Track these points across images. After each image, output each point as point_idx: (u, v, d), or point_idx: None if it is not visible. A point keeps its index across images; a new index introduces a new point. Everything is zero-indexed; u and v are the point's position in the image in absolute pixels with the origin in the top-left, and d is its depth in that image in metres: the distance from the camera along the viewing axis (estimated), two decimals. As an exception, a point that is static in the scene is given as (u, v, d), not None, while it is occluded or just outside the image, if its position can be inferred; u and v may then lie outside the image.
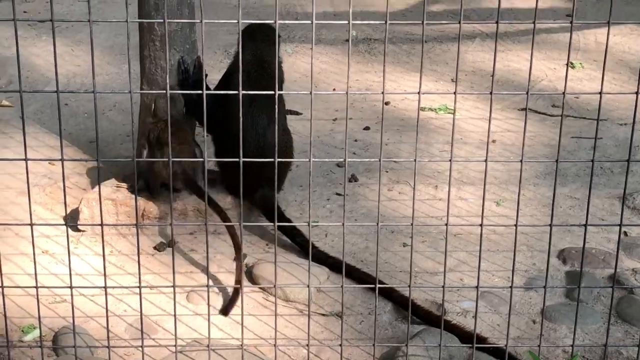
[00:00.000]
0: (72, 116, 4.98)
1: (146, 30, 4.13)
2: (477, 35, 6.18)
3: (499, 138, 4.90)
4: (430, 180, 4.48)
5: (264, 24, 4.21)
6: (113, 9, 6.36)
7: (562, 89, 5.43)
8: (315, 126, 4.90)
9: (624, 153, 4.68)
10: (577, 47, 5.98)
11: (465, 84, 5.53)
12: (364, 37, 6.14)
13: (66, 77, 5.32)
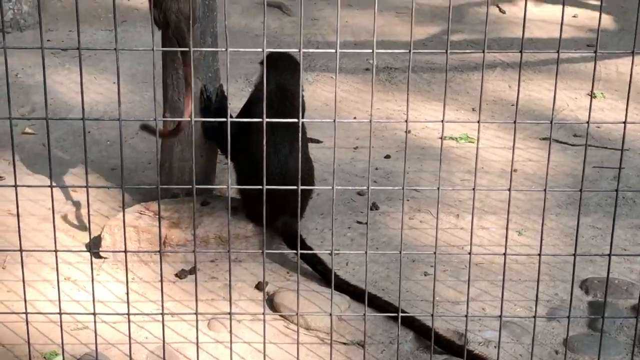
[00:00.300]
0: (94, 144, 5.01)
1: (169, 59, 4.17)
2: (498, 64, 6.18)
3: (521, 167, 4.89)
4: (451, 209, 4.47)
5: (286, 53, 4.23)
6: (135, 37, 6.41)
7: (583, 118, 5.43)
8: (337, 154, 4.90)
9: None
10: (599, 77, 5.98)
11: (487, 113, 5.53)
12: (385, 65, 6.16)
13: (89, 105, 5.36)
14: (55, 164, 4.64)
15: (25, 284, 2.90)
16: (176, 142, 4.27)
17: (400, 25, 6.83)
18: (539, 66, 6.15)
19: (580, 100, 5.69)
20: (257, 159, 3.41)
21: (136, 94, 5.62)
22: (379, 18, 6.80)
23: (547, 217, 4.38)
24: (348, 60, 6.16)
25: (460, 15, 7.00)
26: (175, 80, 4.17)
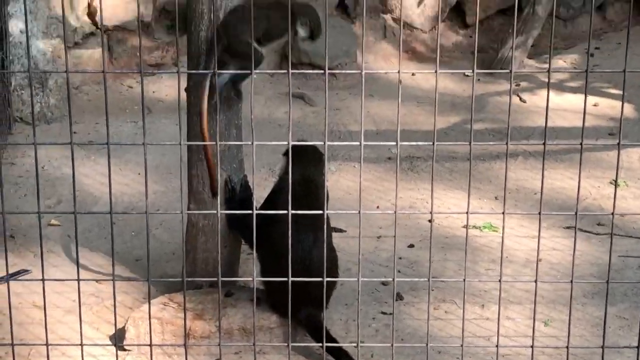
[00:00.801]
0: (119, 235, 5.03)
1: (194, 151, 4.22)
2: (520, 153, 6.20)
3: (545, 256, 4.87)
4: (476, 299, 4.45)
5: (309, 145, 4.26)
6: (160, 128, 6.48)
7: (606, 206, 5.42)
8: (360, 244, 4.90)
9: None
10: (621, 165, 5.97)
11: (509, 202, 5.52)
12: (407, 155, 6.19)
13: (114, 196, 5.33)
14: (81, 255, 4.65)
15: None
16: (200, 232, 4.30)
17: (422, 115, 6.88)
18: (560, 155, 6.16)
19: (603, 188, 5.69)
20: (281, 250, 3.42)
21: (160, 184, 5.66)
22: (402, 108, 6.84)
23: (574, 307, 4.32)
24: (370, 150, 6.20)
25: (481, 105, 7.05)
26: (200, 172, 4.21)
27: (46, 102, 6.71)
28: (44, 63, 6.71)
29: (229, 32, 3.99)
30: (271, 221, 3.96)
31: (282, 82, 7.39)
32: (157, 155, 5.90)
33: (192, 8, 4.08)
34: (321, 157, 4.11)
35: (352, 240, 4.85)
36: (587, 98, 7.26)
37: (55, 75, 6.71)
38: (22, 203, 5.41)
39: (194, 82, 4.14)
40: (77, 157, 5.88)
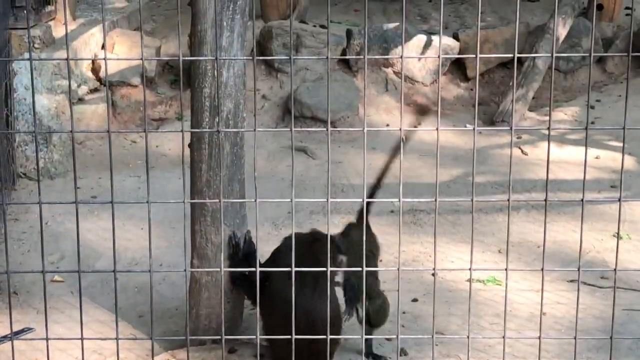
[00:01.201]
0: (122, 290, 5.02)
1: (197, 206, 4.23)
2: (523, 206, 6.21)
3: (550, 310, 4.85)
4: (481, 354, 4.42)
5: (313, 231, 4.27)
6: (163, 183, 6.50)
7: (610, 259, 5.42)
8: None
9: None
10: (624, 218, 5.98)
11: (513, 255, 5.52)
12: (409, 208, 6.20)
13: (117, 252, 5.37)
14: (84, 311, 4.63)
15: None
16: (203, 289, 4.29)
17: (424, 168, 6.91)
18: (563, 207, 6.17)
19: (606, 241, 5.69)
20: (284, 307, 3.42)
21: (164, 239, 5.67)
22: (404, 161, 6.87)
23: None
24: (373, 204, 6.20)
25: (483, 158, 7.08)
26: (204, 227, 4.22)
27: (50, 158, 6.75)
28: (48, 119, 6.77)
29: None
30: (274, 278, 3.98)
31: (284, 135, 7.42)
32: (160, 210, 5.89)
33: (196, 65, 4.12)
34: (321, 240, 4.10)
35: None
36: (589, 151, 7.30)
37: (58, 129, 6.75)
38: (25, 259, 5.41)
39: (197, 138, 4.17)
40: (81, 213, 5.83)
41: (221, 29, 4.02)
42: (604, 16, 8.59)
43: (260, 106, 7.76)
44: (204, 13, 4.02)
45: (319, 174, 6.78)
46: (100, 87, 7.49)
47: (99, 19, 7.96)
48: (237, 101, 4.17)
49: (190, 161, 4.24)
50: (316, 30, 8.46)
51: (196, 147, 4.20)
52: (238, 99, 4.17)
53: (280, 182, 6.65)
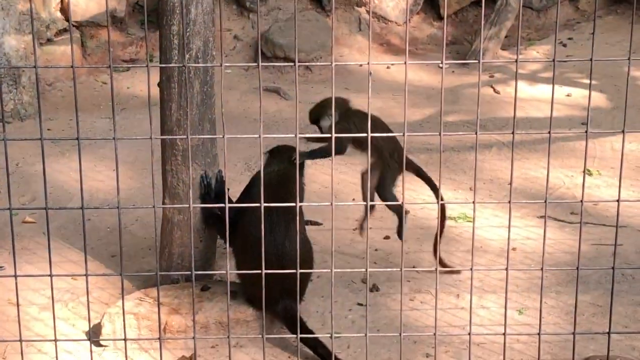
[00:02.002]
0: (94, 231, 5.02)
1: (168, 146, 4.21)
2: (494, 144, 6.23)
3: (520, 246, 4.90)
4: (451, 289, 4.47)
5: (286, 145, 4.28)
6: (135, 124, 6.47)
7: (579, 195, 5.44)
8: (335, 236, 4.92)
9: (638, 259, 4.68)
10: (594, 154, 6.01)
11: (484, 192, 5.55)
12: (382, 147, 6.20)
13: (89, 193, 5.39)
14: (55, 252, 4.63)
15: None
16: (175, 227, 4.30)
17: (397, 107, 6.90)
18: (534, 145, 6.20)
19: (576, 178, 5.72)
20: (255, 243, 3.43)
21: (136, 180, 5.66)
22: (377, 100, 6.88)
23: (547, 295, 4.38)
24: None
25: (456, 97, 7.08)
26: (175, 167, 4.21)
27: (20, 99, 6.69)
28: (17, 60, 6.69)
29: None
30: (245, 215, 3.99)
31: (256, 76, 7.39)
32: (132, 150, 5.90)
33: (164, 1, 4.07)
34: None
35: (328, 233, 4.85)
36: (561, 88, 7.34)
37: (28, 71, 6.68)
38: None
39: (166, 76, 4.14)
40: (51, 154, 5.88)
41: (188, -37, 3.97)
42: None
43: (232, 47, 7.71)
44: (171, -51, 3.98)
45: (292, 115, 6.75)
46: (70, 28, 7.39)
47: (67, -42, 7.83)
48: (206, 39, 4.13)
49: (160, 100, 4.22)
50: (287, -32, 8.39)
51: (165, 85, 4.17)
52: (207, 37, 4.13)
53: (253, 123, 6.63)
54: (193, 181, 4.18)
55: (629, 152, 6.02)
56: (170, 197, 4.25)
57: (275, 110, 6.86)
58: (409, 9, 8.17)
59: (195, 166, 4.20)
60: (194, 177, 4.20)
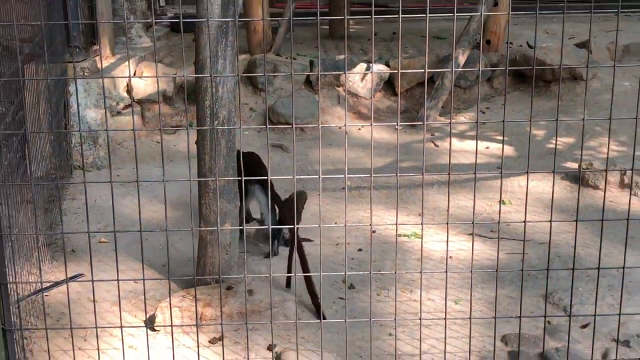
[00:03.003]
0: (150, 247, 4.97)
1: (203, 186, 4.18)
2: (435, 183, 6.22)
3: (455, 255, 4.87)
4: (407, 286, 4.43)
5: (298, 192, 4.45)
6: (180, 172, 6.43)
7: (496, 218, 5.44)
8: (323, 250, 4.89)
9: (545, 264, 4.63)
10: (506, 189, 6.00)
11: (429, 217, 5.53)
12: (356, 186, 6.19)
13: (146, 221, 5.34)
14: (122, 263, 4.59)
15: (100, 352, 2.83)
16: (208, 244, 4.25)
17: (366, 158, 6.89)
18: (464, 183, 6.19)
19: (494, 206, 5.71)
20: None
21: (180, 211, 5.61)
22: (352, 152, 6.88)
23: (476, 290, 4.34)
24: (330, 182, 6.20)
25: (408, 149, 7.07)
26: (207, 201, 4.17)
27: (97, 155, 6.65)
28: (95, 126, 6.67)
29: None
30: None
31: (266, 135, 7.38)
32: (177, 190, 5.86)
33: (199, 84, 4.07)
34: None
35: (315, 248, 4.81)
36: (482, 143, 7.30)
37: (103, 134, 6.66)
38: (80, 227, 5.33)
39: (202, 137, 4.12)
40: (120, 194, 5.83)
41: (217, 57, 3.96)
42: (491, 48, 8.59)
43: (249, 116, 7.70)
44: (205, 46, 3.97)
45: (291, 163, 6.74)
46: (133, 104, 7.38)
47: (131, 54, 7.85)
48: (229, 110, 4.12)
49: (197, 154, 4.19)
50: (288, 60, 8.39)
51: (200, 143, 4.15)
52: (230, 108, 4.12)
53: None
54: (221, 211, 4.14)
55: (531, 188, 6.01)
56: (205, 222, 4.21)
57: (279, 160, 6.83)
58: (374, 88, 8.19)
59: (222, 200, 4.17)
60: (222, 209, 4.16)
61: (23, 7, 5.07)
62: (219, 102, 4.05)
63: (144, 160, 6.72)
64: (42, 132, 4.96)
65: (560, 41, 8.96)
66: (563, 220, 5.17)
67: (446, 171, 6.53)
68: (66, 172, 6.23)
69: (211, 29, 3.89)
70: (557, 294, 4.28)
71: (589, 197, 5.84)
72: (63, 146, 6.16)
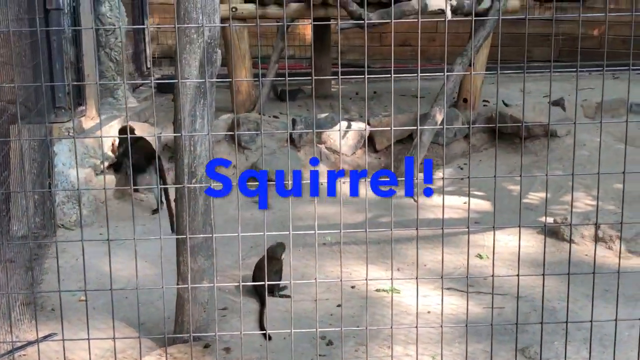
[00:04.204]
0: (130, 305, 4.90)
1: (181, 242, 4.16)
2: (413, 238, 6.20)
3: (433, 310, 4.82)
4: (384, 342, 4.37)
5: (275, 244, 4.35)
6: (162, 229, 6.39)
7: (473, 272, 5.41)
8: (302, 305, 4.84)
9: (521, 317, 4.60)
10: (483, 244, 6.00)
11: (407, 271, 5.51)
12: (336, 241, 6.16)
13: (127, 278, 5.28)
14: (101, 321, 4.53)
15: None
16: (185, 302, 4.20)
17: (347, 213, 6.89)
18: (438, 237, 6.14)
19: (471, 260, 5.69)
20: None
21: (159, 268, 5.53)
22: (331, 208, 6.88)
23: (452, 345, 4.29)
24: (311, 238, 6.17)
25: (387, 205, 7.07)
26: (184, 258, 4.15)
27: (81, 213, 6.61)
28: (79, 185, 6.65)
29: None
30: None
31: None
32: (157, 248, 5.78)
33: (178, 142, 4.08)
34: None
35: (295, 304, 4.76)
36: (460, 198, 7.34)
37: (87, 193, 6.64)
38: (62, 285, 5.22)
39: (180, 194, 4.12)
40: (102, 252, 5.75)
41: (195, 117, 3.99)
42: (468, 106, 8.72)
43: (232, 173, 7.71)
44: (184, 106, 4.00)
45: (274, 220, 6.72)
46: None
47: (117, 114, 7.89)
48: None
49: (175, 210, 4.18)
50: (271, 119, 8.47)
51: (179, 201, 4.15)
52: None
53: (244, 226, 6.57)
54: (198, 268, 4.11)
55: (508, 242, 6.02)
56: (182, 279, 4.18)
57: (261, 216, 6.81)
58: (355, 145, 8.25)
59: (199, 257, 4.14)
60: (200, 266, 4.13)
61: (8, 69, 5.11)
62: (197, 160, 4.06)
63: (127, 218, 6.67)
64: (21, 191, 4.94)
65: (534, 99, 9.12)
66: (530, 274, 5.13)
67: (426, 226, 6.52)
68: (50, 230, 6.18)
69: (189, 89, 3.93)
70: (532, 347, 4.23)
71: (564, 250, 5.84)
72: (47, 205, 6.13)
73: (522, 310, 4.69)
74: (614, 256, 5.73)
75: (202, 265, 4.14)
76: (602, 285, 5.01)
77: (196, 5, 3.80)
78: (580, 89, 9.80)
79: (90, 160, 6.79)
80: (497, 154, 8.27)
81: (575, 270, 5.24)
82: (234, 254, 5.87)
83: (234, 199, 7.17)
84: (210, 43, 3.91)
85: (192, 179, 4.04)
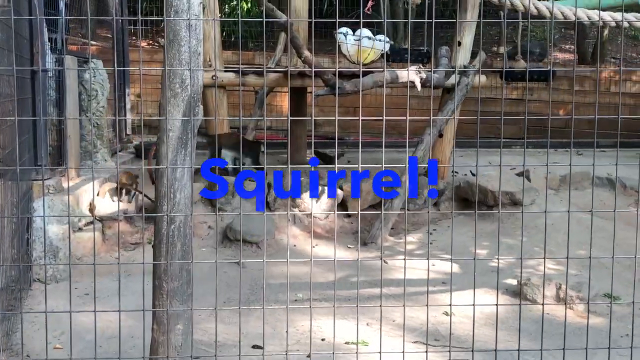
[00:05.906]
0: (104, 353, 4.97)
1: (157, 288, 4.29)
2: (384, 295, 6.37)
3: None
4: (353, 388, 4.48)
5: None
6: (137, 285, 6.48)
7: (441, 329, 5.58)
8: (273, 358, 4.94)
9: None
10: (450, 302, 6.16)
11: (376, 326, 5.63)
12: (307, 297, 6.30)
13: (101, 329, 5.35)
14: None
15: None
16: (160, 345, 4.29)
17: (318, 273, 7.04)
18: (412, 296, 6.36)
19: (439, 317, 5.86)
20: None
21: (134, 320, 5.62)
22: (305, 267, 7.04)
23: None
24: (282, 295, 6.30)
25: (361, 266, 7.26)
26: (161, 302, 4.26)
27: (57, 268, 6.70)
28: (57, 241, 6.76)
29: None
30: None
31: (223, 252, 7.55)
32: (133, 299, 5.89)
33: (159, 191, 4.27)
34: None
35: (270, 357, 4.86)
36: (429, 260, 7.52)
37: (64, 249, 6.75)
38: (36, 335, 5.32)
39: (158, 240, 4.28)
40: (77, 304, 5.85)
41: (176, 163, 4.20)
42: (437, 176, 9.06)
43: (207, 233, 7.88)
44: (165, 157, 4.21)
45: (246, 278, 6.86)
46: (95, 221, 7.53)
47: (96, 176, 8.08)
48: (186, 217, 4.30)
49: (153, 256, 4.33)
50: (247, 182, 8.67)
51: (157, 247, 4.29)
52: (187, 214, 4.30)
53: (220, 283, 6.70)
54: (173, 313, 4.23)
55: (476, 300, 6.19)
56: (157, 323, 4.28)
57: (236, 275, 6.94)
58: (328, 209, 8.48)
59: (175, 302, 4.26)
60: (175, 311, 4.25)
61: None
62: (176, 208, 4.24)
63: (104, 274, 6.76)
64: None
65: (501, 170, 9.47)
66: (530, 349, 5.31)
67: (394, 286, 6.71)
68: (25, 284, 6.26)
69: (171, 140, 4.16)
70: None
71: (528, 310, 6.05)
72: (24, 259, 6.22)
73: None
74: (575, 315, 5.95)
75: (177, 310, 4.26)
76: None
77: (181, 61, 4.09)
78: (543, 165, 10.24)
79: (69, 217, 6.93)
80: (464, 222, 8.55)
81: (532, 327, 5.43)
82: (211, 304, 5.96)
83: (211, 257, 7.33)
84: (193, 97, 4.18)
85: (172, 225, 4.21)
